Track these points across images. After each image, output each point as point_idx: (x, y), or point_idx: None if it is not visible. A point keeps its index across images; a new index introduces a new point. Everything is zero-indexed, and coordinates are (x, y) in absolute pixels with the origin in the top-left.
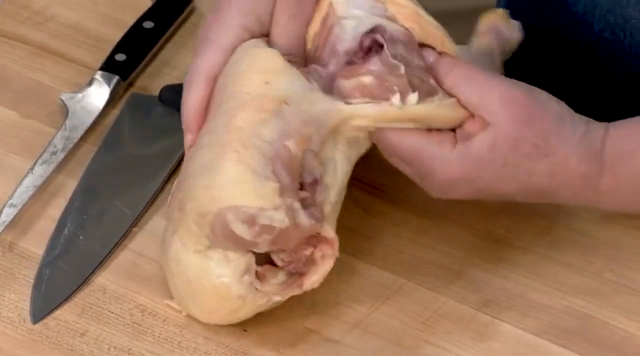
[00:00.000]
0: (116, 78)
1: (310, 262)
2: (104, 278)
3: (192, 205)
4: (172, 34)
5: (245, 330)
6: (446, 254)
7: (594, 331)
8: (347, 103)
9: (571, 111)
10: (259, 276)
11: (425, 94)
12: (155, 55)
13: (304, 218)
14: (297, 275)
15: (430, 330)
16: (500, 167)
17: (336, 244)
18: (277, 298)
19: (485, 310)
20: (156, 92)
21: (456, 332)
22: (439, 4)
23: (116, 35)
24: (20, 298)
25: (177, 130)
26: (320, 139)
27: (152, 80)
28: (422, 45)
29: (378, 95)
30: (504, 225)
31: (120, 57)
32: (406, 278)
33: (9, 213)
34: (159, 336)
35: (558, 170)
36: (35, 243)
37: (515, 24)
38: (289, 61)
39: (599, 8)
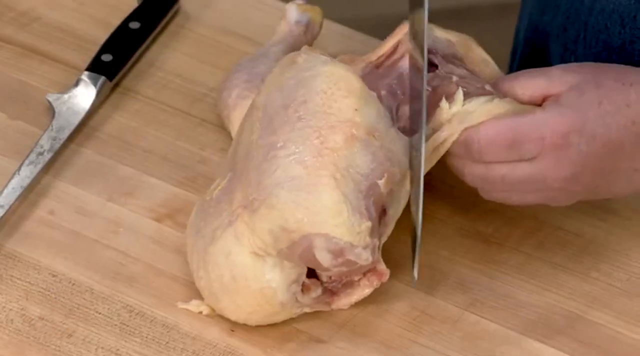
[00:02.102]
0: (102, 78)
1: (348, 284)
2: (90, 279)
3: (274, 215)
4: (158, 35)
5: (232, 330)
6: (434, 254)
7: (581, 331)
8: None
9: None
10: (304, 287)
11: (478, 96)
12: (142, 55)
13: (377, 254)
14: (329, 292)
15: (417, 330)
16: (597, 106)
17: (386, 277)
18: (307, 310)
19: (473, 309)
20: (141, 92)
21: (443, 332)
22: (439, 3)
23: (102, 36)
24: (7, 299)
25: None
26: (400, 178)
27: (138, 81)
28: None
29: (431, 106)
30: (492, 225)
31: (107, 57)
32: (393, 278)
33: None
34: (146, 337)
35: None
36: (23, 245)
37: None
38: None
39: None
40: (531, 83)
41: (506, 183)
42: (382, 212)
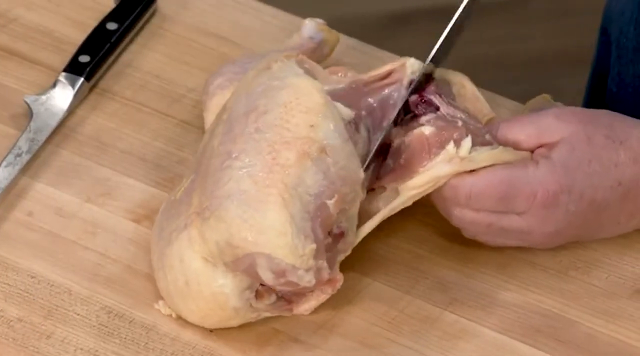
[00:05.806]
0: (80, 79)
1: (300, 294)
2: (69, 280)
3: (221, 228)
4: (136, 35)
5: (211, 331)
6: (412, 253)
7: (560, 330)
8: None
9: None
10: (257, 294)
11: (481, 145)
12: (119, 56)
13: (325, 274)
14: (285, 300)
15: (396, 330)
16: (587, 165)
17: (339, 283)
18: (267, 314)
19: (452, 309)
20: (119, 93)
21: (422, 331)
22: (415, 3)
23: (80, 37)
24: None
25: None
26: (353, 196)
27: (116, 82)
28: None
29: (436, 145)
30: None
31: (84, 58)
32: (372, 278)
33: None
34: (125, 338)
35: (638, 154)
36: (1, 246)
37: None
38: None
39: None
40: (524, 133)
41: (492, 230)
42: (340, 234)
